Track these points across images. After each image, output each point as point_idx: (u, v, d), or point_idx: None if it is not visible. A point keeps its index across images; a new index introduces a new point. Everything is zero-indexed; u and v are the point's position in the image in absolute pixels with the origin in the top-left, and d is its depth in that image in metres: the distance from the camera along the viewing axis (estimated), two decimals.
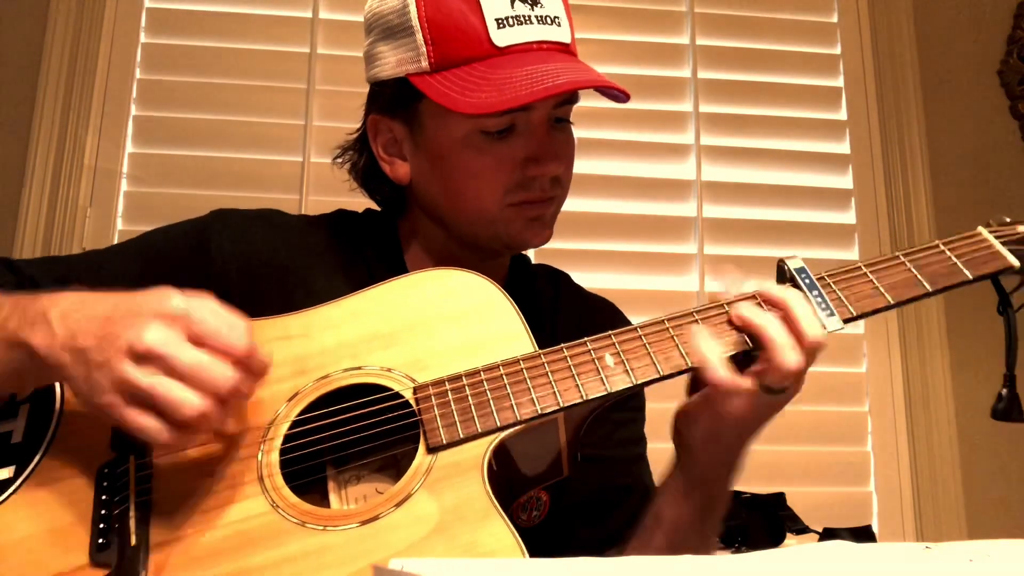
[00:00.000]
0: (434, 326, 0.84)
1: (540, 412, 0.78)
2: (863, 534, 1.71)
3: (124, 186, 1.99)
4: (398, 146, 0.99)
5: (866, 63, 2.25)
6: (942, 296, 0.78)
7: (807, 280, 0.83)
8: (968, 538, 0.94)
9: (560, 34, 0.94)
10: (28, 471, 0.78)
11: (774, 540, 1.63)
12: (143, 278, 0.95)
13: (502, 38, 0.90)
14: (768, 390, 0.78)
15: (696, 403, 0.83)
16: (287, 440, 0.79)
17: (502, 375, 0.80)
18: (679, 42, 2.22)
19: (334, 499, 0.81)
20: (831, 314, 0.81)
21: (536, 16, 0.91)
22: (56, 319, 0.73)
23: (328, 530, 0.73)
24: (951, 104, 2.25)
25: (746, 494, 1.66)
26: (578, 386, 0.79)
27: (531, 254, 1.17)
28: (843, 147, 2.22)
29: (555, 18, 0.93)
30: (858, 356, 2.10)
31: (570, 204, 1.03)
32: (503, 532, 0.71)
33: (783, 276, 0.85)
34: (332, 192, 1.11)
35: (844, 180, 2.20)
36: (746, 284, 0.84)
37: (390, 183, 1.01)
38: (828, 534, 1.64)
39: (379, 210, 1.09)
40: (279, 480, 0.77)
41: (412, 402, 0.80)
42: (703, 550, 0.88)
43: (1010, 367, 0.85)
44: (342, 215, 1.08)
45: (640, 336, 0.82)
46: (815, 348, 0.79)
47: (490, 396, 0.79)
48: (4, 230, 1.92)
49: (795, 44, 2.26)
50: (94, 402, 0.70)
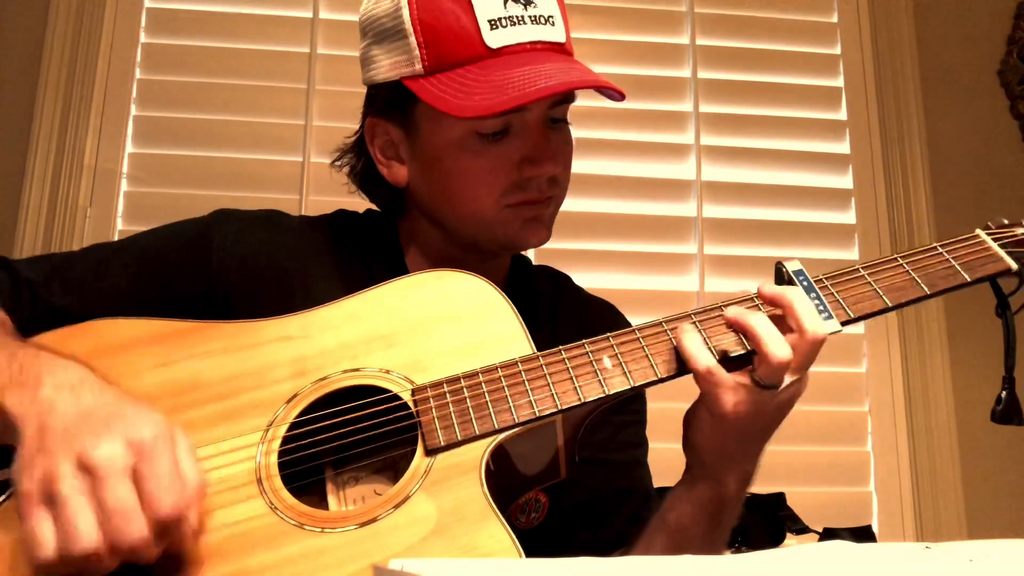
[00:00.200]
0: (433, 328, 0.84)
1: (538, 414, 0.78)
2: (863, 534, 1.71)
3: (124, 186, 1.99)
4: (395, 149, 0.99)
5: (866, 63, 2.25)
6: (943, 296, 0.78)
7: (805, 282, 0.83)
8: (968, 538, 0.94)
9: (554, 34, 0.93)
10: None
11: (774, 540, 1.63)
12: (142, 278, 0.95)
13: (495, 39, 0.89)
14: (761, 385, 0.78)
15: (697, 404, 0.83)
16: (286, 442, 0.79)
17: (500, 377, 0.80)
18: (679, 42, 2.21)
19: (332, 501, 0.81)
20: (829, 316, 0.81)
21: (529, 16, 0.91)
22: (48, 386, 0.70)
23: (326, 532, 0.73)
24: (951, 104, 2.25)
25: (747, 494, 1.65)
26: (576, 388, 0.79)
27: (531, 255, 1.17)
28: (843, 147, 2.21)
29: (549, 17, 0.92)
30: (858, 356, 2.10)
31: (570, 204, 1.02)
32: (501, 534, 0.71)
33: (781, 278, 0.85)
34: (332, 192, 1.11)
35: (844, 180, 2.19)
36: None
37: (388, 186, 1.01)
38: (828, 534, 1.64)
39: (379, 211, 1.08)
40: (277, 482, 0.77)
41: (410, 404, 0.80)
42: (708, 555, 0.88)
43: (1009, 369, 0.85)
44: (342, 216, 1.08)
45: (638, 338, 0.83)
46: (816, 342, 0.79)
47: (488, 398, 0.79)
48: (4, 230, 1.92)
49: (795, 44, 2.25)
50: (19, 481, 0.65)
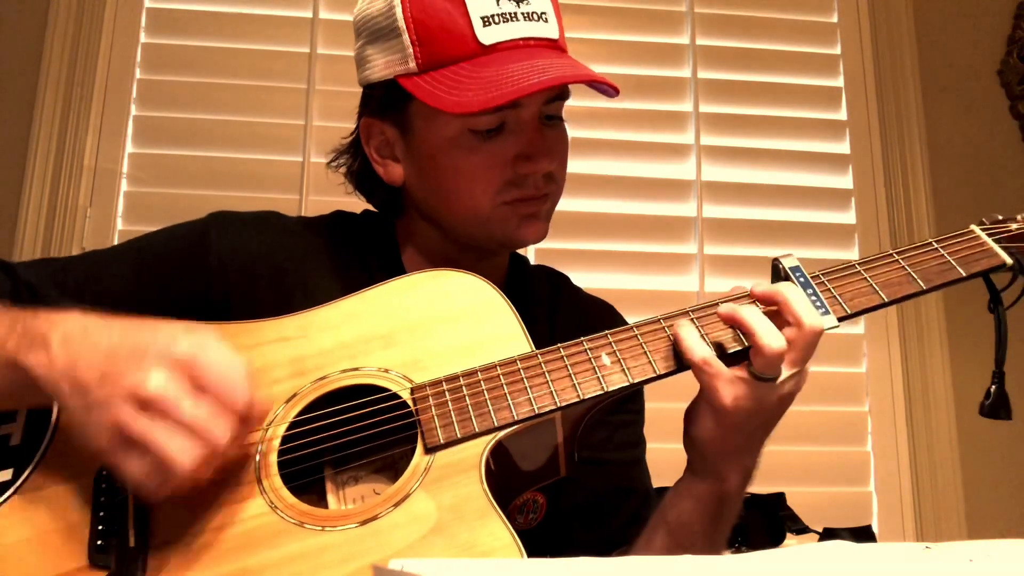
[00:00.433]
0: (431, 327, 0.84)
1: (537, 412, 0.78)
2: (863, 534, 1.71)
3: (124, 186, 1.99)
4: (390, 148, 0.99)
5: (866, 63, 2.25)
6: (942, 296, 0.78)
7: (802, 278, 0.83)
8: (968, 538, 0.94)
9: (547, 30, 0.93)
10: (27, 473, 0.77)
11: (774, 540, 1.63)
12: (140, 281, 0.95)
13: (488, 36, 0.89)
14: (759, 377, 0.78)
15: (697, 399, 0.83)
16: (285, 441, 0.79)
17: (499, 375, 0.80)
18: (679, 42, 2.21)
19: (332, 500, 0.81)
20: (826, 312, 0.81)
21: (522, 13, 0.91)
22: (57, 343, 0.72)
23: (326, 530, 0.73)
24: (951, 104, 2.25)
25: (746, 494, 1.65)
26: (575, 385, 0.79)
27: (531, 255, 1.17)
28: (843, 147, 2.21)
29: (542, 14, 0.92)
30: (858, 356, 2.10)
31: (570, 204, 1.02)
32: (501, 531, 0.71)
33: (778, 275, 0.85)
34: (332, 192, 1.11)
35: (844, 180, 2.19)
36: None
37: (384, 186, 1.01)
38: (828, 534, 1.64)
39: (377, 211, 1.08)
40: (277, 481, 0.77)
41: (409, 403, 0.80)
42: (708, 554, 0.88)
43: (999, 364, 0.85)
44: (340, 216, 1.08)
45: (636, 335, 0.83)
46: (813, 333, 0.79)
47: (487, 396, 0.79)
48: (4, 230, 1.92)
49: (795, 44, 2.26)
50: (88, 441, 0.69)
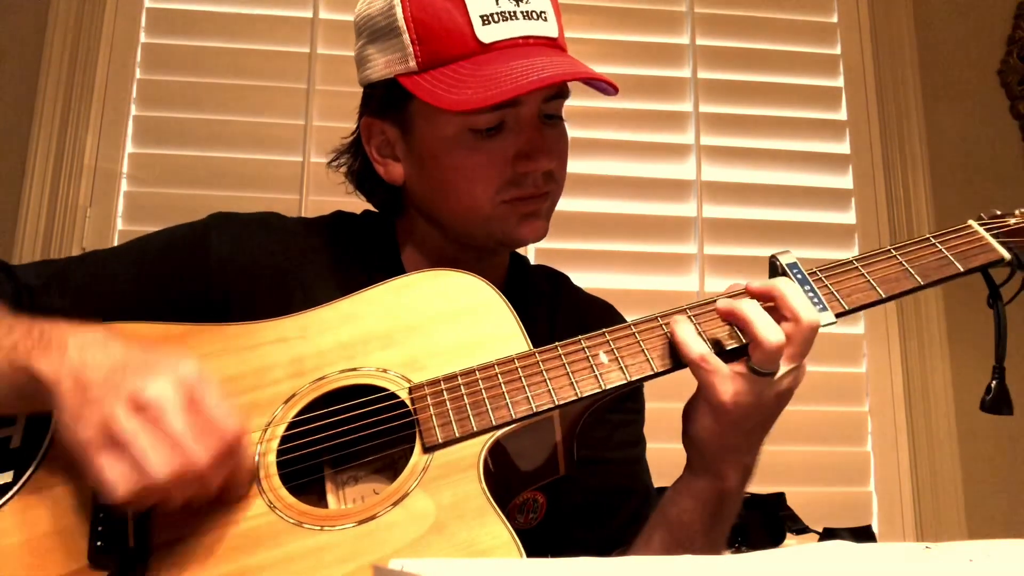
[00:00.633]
0: (430, 327, 0.85)
1: (535, 410, 0.78)
2: (863, 534, 1.71)
3: (124, 186, 1.99)
4: (391, 148, 0.99)
5: (866, 63, 2.25)
6: (943, 296, 0.78)
7: (799, 275, 0.83)
8: (968, 538, 0.93)
9: (547, 29, 0.93)
10: (27, 475, 0.77)
11: (774, 540, 1.63)
12: (141, 281, 0.95)
13: (487, 34, 0.90)
14: (758, 372, 0.78)
15: (696, 396, 0.83)
16: (284, 441, 0.79)
17: (497, 374, 0.80)
18: (679, 42, 2.21)
19: (332, 500, 0.81)
20: (823, 308, 0.81)
21: (522, 11, 0.91)
22: (74, 347, 0.73)
23: (326, 530, 0.73)
24: (951, 104, 2.25)
25: (746, 494, 1.65)
26: (572, 384, 0.79)
27: (531, 255, 1.17)
28: (843, 147, 2.21)
29: (541, 13, 0.93)
30: (858, 356, 2.09)
31: (570, 204, 1.02)
32: (500, 530, 0.71)
33: (775, 271, 0.85)
34: (332, 192, 1.11)
35: (844, 180, 2.19)
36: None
37: (385, 185, 1.01)
38: (828, 534, 1.64)
39: (377, 211, 1.08)
40: (276, 481, 0.77)
41: (408, 402, 0.80)
42: (707, 553, 0.88)
43: (999, 359, 0.85)
44: (340, 217, 1.08)
45: (633, 333, 0.83)
46: (811, 327, 0.79)
47: (485, 395, 0.79)
48: (4, 230, 1.92)
49: (795, 44, 2.25)
50: (74, 434, 0.69)
